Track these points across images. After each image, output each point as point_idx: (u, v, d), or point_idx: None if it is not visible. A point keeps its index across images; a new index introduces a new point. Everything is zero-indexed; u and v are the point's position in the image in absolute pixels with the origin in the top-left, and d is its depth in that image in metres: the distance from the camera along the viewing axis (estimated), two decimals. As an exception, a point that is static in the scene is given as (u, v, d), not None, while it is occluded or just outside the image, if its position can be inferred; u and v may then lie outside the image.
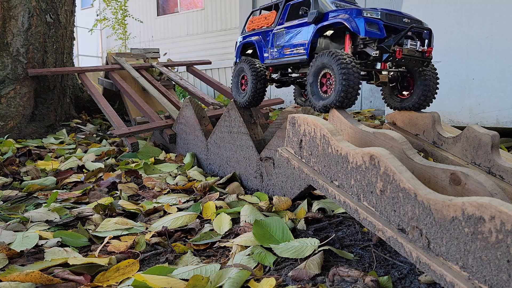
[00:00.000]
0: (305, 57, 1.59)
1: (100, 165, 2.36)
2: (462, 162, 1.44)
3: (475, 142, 1.40)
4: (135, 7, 8.18)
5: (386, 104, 1.72)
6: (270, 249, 1.24)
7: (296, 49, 1.63)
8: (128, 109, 3.66)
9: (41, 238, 1.33)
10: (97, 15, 8.57)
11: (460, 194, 1.04)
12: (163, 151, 2.69)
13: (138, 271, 1.14)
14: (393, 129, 1.76)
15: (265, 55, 1.84)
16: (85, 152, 2.80)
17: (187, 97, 2.72)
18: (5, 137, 3.01)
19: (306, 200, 1.65)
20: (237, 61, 2.07)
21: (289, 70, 1.90)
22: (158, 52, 4.43)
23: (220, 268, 1.12)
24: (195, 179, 2.12)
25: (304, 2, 1.67)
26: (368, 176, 1.01)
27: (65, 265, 1.13)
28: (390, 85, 1.67)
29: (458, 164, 1.43)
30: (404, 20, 1.44)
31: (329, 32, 1.59)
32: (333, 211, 1.60)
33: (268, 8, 1.99)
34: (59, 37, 3.68)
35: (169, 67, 4.19)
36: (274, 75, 1.94)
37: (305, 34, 1.59)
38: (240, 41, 2.07)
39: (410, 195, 0.88)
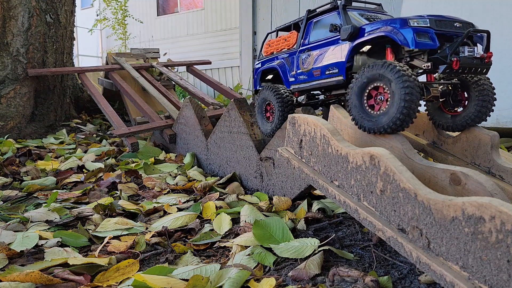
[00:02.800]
0: (341, 78, 1.42)
1: (100, 165, 2.36)
2: (462, 162, 1.44)
3: (475, 142, 1.40)
4: (135, 7, 8.18)
5: (433, 123, 1.50)
6: (270, 249, 1.24)
7: (329, 70, 1.47)
8: (128, 109, 3.66)
9: (41, 238, 1.33)
10: (97, 15, 8.57)
11: (460, 194, 1.04)
12: (163, 151, 2.69)
13: (138, 271, 1.14)
14: (393, 129, 1.76)
15: (291, 79, 1.69)
16: (85, 152, 2.80)
17: (187, 97, 2.72)
18: (5, 137, 3.01)
19: (306, 200, 1.65)
20: (258, 88, 1.93)
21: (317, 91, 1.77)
22: (158, 52, 4.43)
23: (220, 268, 1.12)
24: (195, 179, 2.12)
25: (331, 17, 1.52)
26: (368, 176, 1.01)
27: (65, 265, 1.13)
28: (441, 99, 1.45)
29: (458, 164, 1.43)
30: (455, 24, 1.27)
31: (366, 48, 1.40)
32: (333, 211, 1.60)
33: (286, 29, 1.84)
34: (59, 37, 3.68)
35: (169, 67, 4.19)
36: (300, 98, 1.79)
37: (338, 53, 1.43)
38: (259, 67, 1.92)
39: (410, 195, 0.88)
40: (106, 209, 1.62)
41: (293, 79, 1.67)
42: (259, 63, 1.94)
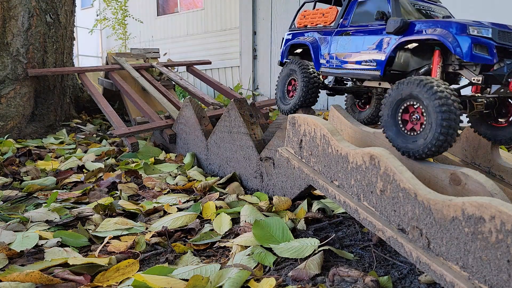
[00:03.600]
0: (378, 73, 1.29)
1: (100, 165, 2.36)
2: (462, 162, 1.44)
3: (475, 142, 1.40)
4: (135, 7, 8.18)
5: (475, 131, 1.34)
6: (270, 249, 1.24)
7: (366, 62, 1.35)
8: (128, 109, 3.66)
9: (41, 238, 1.33)
10: (97, 15, 8.57)
11: (460, 194, 1.04)
12: (163, 151, 2.69)
13: (138, 271, 1.14)
14: (393, 129, 1.76)
15: (322, 61, 1.54)
16: (85, 152, 2.80)
17: (187, 97, 2.72)
18: (5, 137, 3.01)
19: (306, 200, 1.65)
20: (283, 61, 1.77)
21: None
22: (158, 52, 4.44)
23: (220, 268, 1.12)
24: (195, 179, 2.12)
25: (379, 1, 1.37)
26: (368, 176, 1.01)
27: (65, 265, 1.13)
28: (485, 111, 1.30)
29: (458, 164, 1.43)
30: None
31: (411, 45, 1.27)
32: (333, 211, 1.60)
33: (326, 1, 1.66)
34: (59, 37, 3.68)
35: (169, 67, 4.19)
36: (327, 80, 1.67)
37: (380, 45, 1.29)
38: (288, 39, 1.74)
39: (410, 195, 0.88)
40: (106, 209, 1.62)
41: (324, 61, 1.53)
42: (290, 34, 1.76)
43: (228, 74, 6.70)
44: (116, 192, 1.94)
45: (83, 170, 2.37)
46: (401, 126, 1.13)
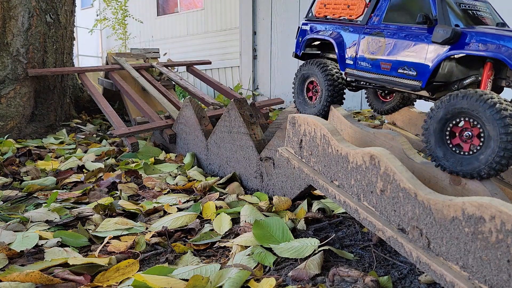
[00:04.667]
0: (419, 84, 1.16)
1: (100, 165, 2.36)
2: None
3: (475, 142, 1.40)
4: (135, 7, 8.18)
5: None
6: (270, 249, 1.24)
7: (404, 69, 1.20)
8: (128, 109, 3.66)
9: (41, 238, 1.33)
10: (97, 15, 8.57)
11: (460, 194, 1.04)
12: (163, 151, 2.69)
13: (138, 271, 1.14)
14: (393, 129, 1.76)
15: (348, 62, 1.39)
16: (85, 152, 2.80)
17: (187, 97, 2.72)
18: (5, 137, 3.01)
19: (306, 200, 1.65)
20: (299, 53, 1.60)
21: None
22: (158, 52, 4.43)
23: (220, 268, 1.12)
24: (195, 179, 2.12)
25: (422, 2, 1.19)
26: (368, 176, 1.01)
27: (65, 265, 1.13)
28: None
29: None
30: None
31: (458, 55, 1.15)
32: (333, 211, 1.60)
33: None
34: (59, 37, 3.68)
35: (169, 67, 4.19)
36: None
37: (423, 53, 1.15)
38: (306, 31, 1.57)
39: (410, 195, 0.88)
40: (106, 209, 1.62)
41: (351, 62, 1.38)
42: (307, 25, 1.57)
43: (228, 74, 6.70)
44: (116, 192, 1.94)
45: (83, 170, 2.37)
46: (449, 143, 1.02)
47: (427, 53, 1.15)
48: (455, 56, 1.14)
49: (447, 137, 1.02)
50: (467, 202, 0.75)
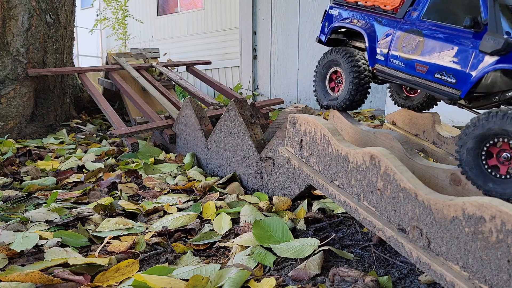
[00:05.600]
0: (458, 93, 1.07)
1: (100, 165, 2.36)
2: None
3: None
4: (135, 7, 8.18)
5: None
6: (270, 249, 1.24)
7: (442, 74, 1.10)
8: (128, 109, 3.66)
9: (41, 238, 1.33)
10: (97, 15, 8.57)
11: (461, 194, 1.04)
12: (163, 151, 2.69)
13: (138, 271, 1.14)
14: (393, 129, 1.76)
15: (379, 57, 1.29)
16: (85, 152, 2.80)
17: (187, 97, 2.72)
18: (5, 137, 3.01)
19: (306, 200, 1.65)
20: (324, 39, 1.49)
21: None
22: (158, 52, 4.44)
23: (220, 268, 1.12)
24: (195, 179, 2.12)
25: (471, 2, 1.07)
26: (369, 176, 1.01)
27: (65, 265, 1.13)
28: None
29: (458, 164, 1.43)
30: None
31: None
32: (333, 211, 1.60)
33: None
34: (59, 37, 3.68)
35: (169, 67, 4.19)
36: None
37: (466, 61, 1.04)
38: (333, 16, 1.45)
39: (411, 195, 0.88)
40: (106, 209, 1.62)
41: (382, 58, 1.28)
42: (335, 9, 1.46)
43: (228, 74, 6.70)
44: (116, 192, 1.93)
45: (83, 170, 2.37)
46: (486, 167, 0.95)
47: (471, 61, 1.03)
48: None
49: (483, 161, 0.95)
50: (467, 202, 0.75)
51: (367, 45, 1.32)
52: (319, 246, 1.20)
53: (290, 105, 1.88)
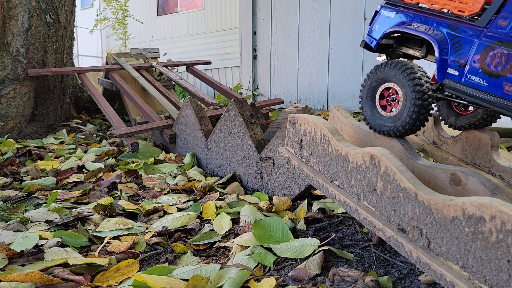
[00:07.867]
0: None
1: (100, 165, 2.36)
2: (462, 163, 1.44)
3: (475, 142, 1.40)
4: (135, 7, 8.18)
5: None
6: (270, 249, 1.24)
7: None
8: (128, 109, 3.66)
9: (41, 238, 1.33)
10: (97, 15, 8.57)
11: (461, 194, 1.04)
12: (163, 151, 2.69)
13: (138, 271, 1.14)
14: (393, 129, 1.76)
15: (451, 71, 1.08)
16: (85, 152, 2.80)
17: (187, 97, 2.72)
18: (5, 137, 3.01)
19: (306, 200, 1.65)
20: (373, 45, 1.28)
21: None
22: (158, 52, 4.44)
23: (220, 268, 1.12)
24: (195, 179, 2.12)
25: None
26: (369, 176, 1.01)
27: (65, 265, 1.13)
28: None
29: (458, 164, 1.43)
30: None
31: None
32: (333, 211, 1.60)
33: None
34: (59, 37, 3.68)
35: (169, 67, 4.19)
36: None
37: None
38: (388, 17, 1.23)
39: (411, 195, 0.88)
40: (106, 209, 1.62)
41: (456, 73, 1.07)
42: (391, 10, 1.23)
43: (228, 74, 6.70)
44: (116, 192, 1.93)
45: (83, 170, 2.37)
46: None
47: None
48: None
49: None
50: (467, 202, 0.75)
51: (437, 56, 1.10)
52: (319, 246, 1.20)
53: (290, 105, 1.88)
